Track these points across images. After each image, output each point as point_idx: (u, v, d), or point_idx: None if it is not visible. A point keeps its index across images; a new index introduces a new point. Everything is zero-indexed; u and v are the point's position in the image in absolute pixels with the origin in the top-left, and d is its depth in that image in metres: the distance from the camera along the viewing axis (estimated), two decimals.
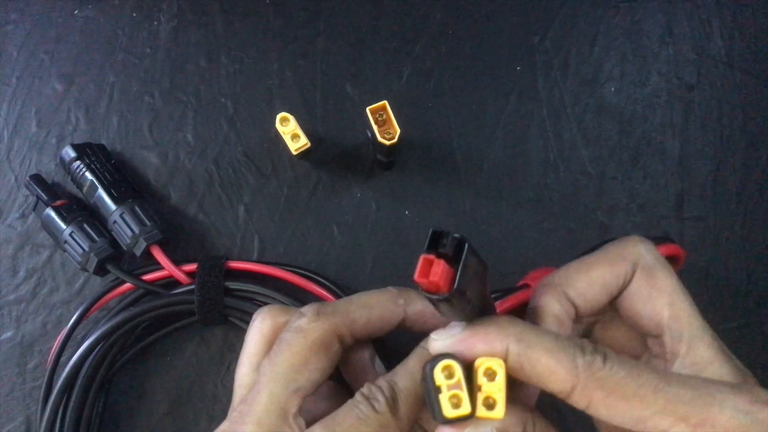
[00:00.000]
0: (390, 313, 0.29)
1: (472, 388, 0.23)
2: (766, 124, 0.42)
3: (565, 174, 0.41)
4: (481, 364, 0.23)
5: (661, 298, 0.26)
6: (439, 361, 0.23)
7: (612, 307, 0.27)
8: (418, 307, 0.29)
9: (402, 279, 0.40)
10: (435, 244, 0.22)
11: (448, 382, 0.22)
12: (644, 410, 0.22)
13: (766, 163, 0.41)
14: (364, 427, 0.25)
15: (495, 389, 0.23)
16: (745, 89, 0.42)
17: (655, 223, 0.41)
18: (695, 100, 0.42)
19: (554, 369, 0.22)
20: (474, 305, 0.23)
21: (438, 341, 0.24)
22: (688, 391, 0.22)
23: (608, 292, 0.26)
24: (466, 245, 0.22)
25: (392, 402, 0.25)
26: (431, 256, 0.21)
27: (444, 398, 0.22)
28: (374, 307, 0.28)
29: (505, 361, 0.23)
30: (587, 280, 0.26)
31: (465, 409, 0.22)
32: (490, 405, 0.23)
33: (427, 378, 0.23)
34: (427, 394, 0.23)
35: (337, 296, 0.37)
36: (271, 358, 0.27)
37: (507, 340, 0.23)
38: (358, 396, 0.26)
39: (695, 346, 0.25)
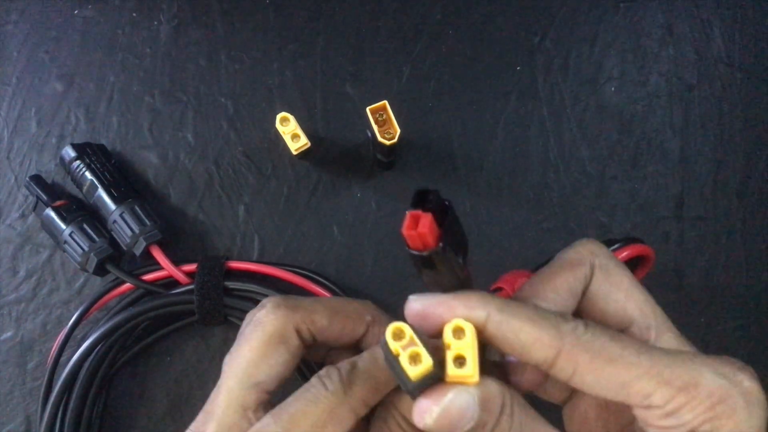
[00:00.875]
0: (353, 323, 0.28)
1: (440, 352, 0.22)
2: (766, 124, 0.42)
3: (565, 174, 0.41)
4: (449, 327, 0.23)
5: (621, 293, 0.26)
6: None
7: (577, 309, 0.28)
8: (381, 330, 0.29)
9: (402, 279, 0.40)
10: (421, 203, 0.22)
11: (401, 343, 0.22)
12: (629, 373, 0.22)
13: (766, 163, 0.41)
14: (314, 407, 0.24)
15: (464, 346, 0.22)
16: (745, 89, 0.42)
17: (655, 223, 0.41)
18: (695, 100, 0.42)
19: (538, 336, 0.22)
20: (457, 275, 0.23)
21: (416, 302, 0.24)
22: (671, 357, 0.22)
23: (575, 296, 0.27)
24: (450, 204, 0.22)
25: (347, 381, 0.25)
26: (418, 212, 0.22)
27: (404, 361, 0.22)
28: (339, 312, 0.28)
29: (484, 329, 0.23)
30: (554, 289, 0.26)
31: (426, 362, 0.22)
32: (460, 362, 0.22)
33: (384, 352, 0.22)
34: (393, 370, 0.22)
35: (337, 296, 0.37)
36: (231, 353, 0.27)
37: (488, 308, 0.23)
38: (313, 378, 0.25)
39: (662, 333, 0.26)
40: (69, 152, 0.38)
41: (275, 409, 0.25)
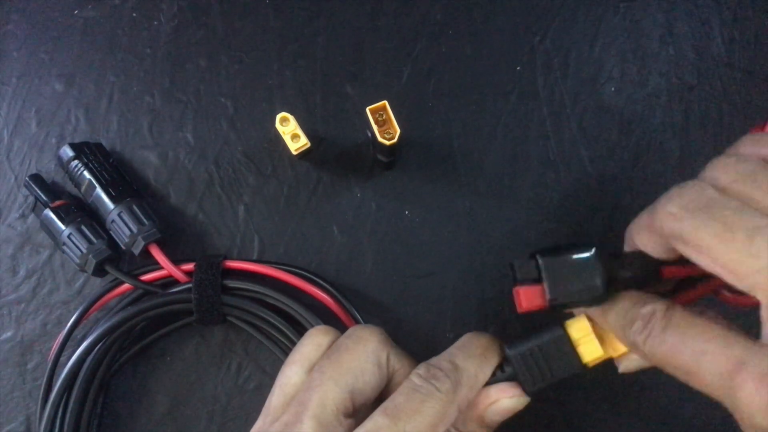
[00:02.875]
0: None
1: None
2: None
3: (565, 174, 0.41)
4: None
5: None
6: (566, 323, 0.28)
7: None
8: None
9: (402, 279, 0.40)
10: (514, 274, 0.27)
11: (585, 333, 0.28)
12: (706, 376, 0.23)
13: None
14: (429, 407, 0.24)
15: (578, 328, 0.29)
16: (745, 89, 0.42)
17: None
18: (695, 100, 0.42)
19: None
20: (590, 297, 0.27)
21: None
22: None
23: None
24: (539, 262, 0.27)
25: (455, 382, 0.26)
26: (516, 288, 0.26)
27: (589, 344, 0.28)
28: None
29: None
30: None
31: (599, 350, 0.28)
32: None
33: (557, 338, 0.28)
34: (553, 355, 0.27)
35: (334, 298, 0.37)
36: (331, 359, 0.27)
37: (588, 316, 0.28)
38: (415, 378, 0.26)
39: None
40: (67, 152, 0.38)
41: (383, 407, 0.25)
